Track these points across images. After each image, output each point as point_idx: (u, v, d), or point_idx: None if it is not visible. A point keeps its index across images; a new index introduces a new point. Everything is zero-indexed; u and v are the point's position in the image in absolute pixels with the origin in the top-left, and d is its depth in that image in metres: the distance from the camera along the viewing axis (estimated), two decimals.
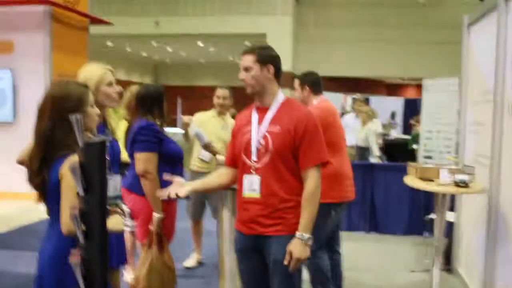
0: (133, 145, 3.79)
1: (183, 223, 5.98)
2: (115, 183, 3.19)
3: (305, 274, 4.33)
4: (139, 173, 3.74)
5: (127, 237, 4.77)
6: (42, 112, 2.35)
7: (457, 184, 4.19)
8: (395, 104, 18.82)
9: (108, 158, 3.13)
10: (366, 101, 12.89)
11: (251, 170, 2.86)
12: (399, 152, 10.03)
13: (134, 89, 4.10)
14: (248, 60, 2.87)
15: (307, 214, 2.77)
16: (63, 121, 2.29)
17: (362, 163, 7.61)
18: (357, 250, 6.47)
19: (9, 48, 8.98)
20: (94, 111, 2.49)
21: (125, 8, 21.68)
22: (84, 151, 1.83)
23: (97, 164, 1.80)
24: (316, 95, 4.26)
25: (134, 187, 3.83)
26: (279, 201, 2.80)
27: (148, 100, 3.92)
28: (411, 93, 25.91)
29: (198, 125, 5.40)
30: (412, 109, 15.53)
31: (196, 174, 5.32)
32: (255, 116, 2.94)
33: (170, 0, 21.41)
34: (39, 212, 3.49)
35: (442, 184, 4.26)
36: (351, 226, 7.35)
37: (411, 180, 4.48)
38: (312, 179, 2.80)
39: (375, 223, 7.33)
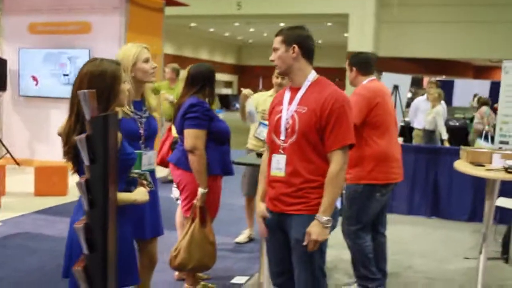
0: (183, 121, 3.93)
1: (241, 200, 6.14)
2: (149, 158, 3.34)
3: (347, 254, 4.37)
4: (188, 149, 3.88)
5: (179, 210, 4.95)
6: (79, 87, 2.42)
7: (507, 169, 4.05)
8: (481, 87, 18.08)
9: (143, 133, 3.30)
10: (442, 84, 12.45)
11: (280, 150, 2.90)
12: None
13: (174, 65, 4.25)
14: (277, 40, 2.92)
15: (327, 196, 2.76)
16: (99, 97, 2.40)
17: (426, 146, 7.43)
18: (414, 234, 6.37)
19: (87, 29, 9.42)
20: (126, 87, 2.62)
21: None
22: (90, 124, 1.95)
23: (102, 136, 1.92)
24: (364, 76, 4.21)
25: (181, 162, 3.99)
26: (302, 181, 2.82)
27: (200, 79, 4.05)
28: (500, 76, 24.72)
29: (255, 104, 5.47)
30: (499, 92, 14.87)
31: (251, 152, 5.42)
32: (287, 96, 2.97)
33: None
34: None
35: (491, 169, 4.12)
36: (412, 210, 7.23)
37: (461, 165, 4.37)
38: (336, 162, 2.78)
39: (437, 208, 7.16)
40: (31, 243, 5.44)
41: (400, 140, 8.14)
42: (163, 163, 4.58)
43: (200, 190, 3.92)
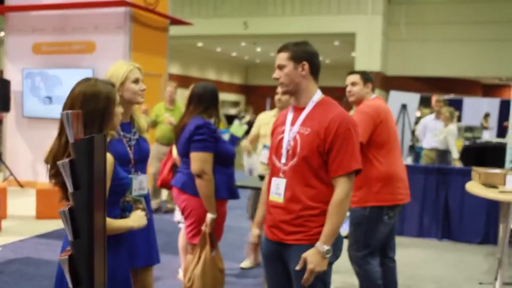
0: (188, 144, 3.77)
1: (245, 223, 5.97)
2: (139, 182, 3.16)
3: (356, 280, 4.18)
4: (196, 173, 3.72)
5: (181, 234, 4.79)
6: (70, 108, 2.30)
7: None
8: (490, 105, 17.88)
9: (132, 157, 3.13)
10: (450, 102, 12.29)
11: (280, 173, 2.74)
12: (493, 157, 9.44)
13: (174, 84, 4.12)
14: (282, 57, 2.73)
15: (330, 225, 2.57)
16: (92, 120, 2.30)
17: (436, 166, 7.23)
18: (425, 258, 6.16)
19: (91, 48, 9.34)
20: (119, 110, 2.48)
21: (214, 9, 22.05)
22: (74, 147, 1.80)
23: (85, 161, 1.77)
24: (372, 93, 4.10)
25: (188, 187, 3.82)
26: (301, 208, 2.65)
27: (206, 98, 3.89)
28: (509, 94, 24.55)
29: (258, 125, 5.40)
30: (509, 110, 14.67)
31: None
32: (289, 116, 2.81)
33: (259, 0, 21.52)
34: None
35: (504, 191, 3.94)
36: (423, 232, 7.02)
37: (474, 186, 4.19)
38: (340, 189, 2.59)
39: (448, 230, 6.95)
40: (30, 269, 5.28)
41: (409, 160, 7.98)
42: (164, 185, 4.43)
43: (210, 216, 3.76)
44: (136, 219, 2.52)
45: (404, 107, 7.23)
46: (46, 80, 9.47)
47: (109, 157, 2.33)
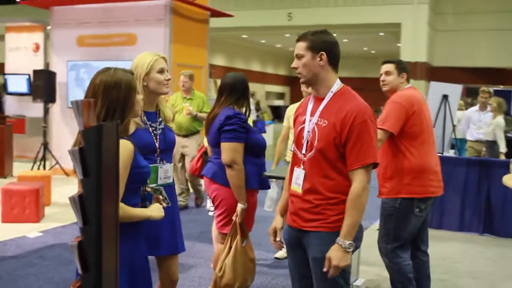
0: (219, 134, 3.77)
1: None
2: (165, 171, 3.18)
3: (385, 273, 4.12)
4: (226, 163, 3.71)
5: (214, 224, 4.82)
6: (93, 98, 2.34)
7: None
8: None
9: (158, 146, 3.16)
10: (498, 93, 11.93)
11: (300, 164, 2.73)
12: None
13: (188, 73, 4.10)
14: (300, 47, 2.68)
15: (350, 220, 2.54)
16: (114, 109, 2.35)
17: (478, 158, 7.04)
18: (464, 252, 6.02)
19: (132, 41, 9.48)
20: (140, 97, 2.52)
21: (258, 1, 22.04)
22: (83, 136, 1.83)
23: (94, 148, 1.79)
24: (407, 83, 4.01)
25: (218, 176, 3.82)
26: (320, 198, 2.63)
27: (238, 89, 3.88)
28: None
29: (288, 116, 5.39)
30: None
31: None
32: (310, 106, 2.77)
33: None
34: None
35: None
36: (463, 226, 6.85)
37: (509, 179, 4.06)
38: (358, 181, 2.55)
39: (490, 224, 6.75)
40: (69, 254, 5.41)
41: (452, 152, 7.80)
42: (194, 173, 4.45)
43: (240, 206, 3.76)
44: (155, 209, 2.54)
45: (445, 97, 7.05)
46: (90, 71, 9.65)
47: (128, 145, 2.37)
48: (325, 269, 2.56)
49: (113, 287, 1.94)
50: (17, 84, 11.34)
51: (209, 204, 4.61)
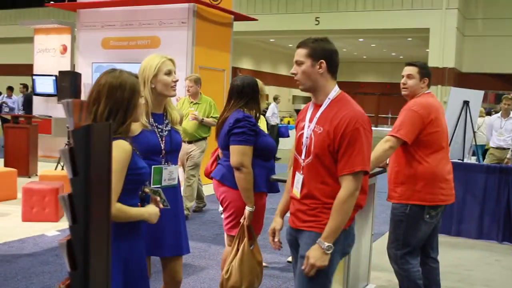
0: (228, 137, 3.80)
1: None
2: (170, 173, 3.21)
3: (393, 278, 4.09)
4: (234, 166, 3.73)
5: None
6: (97, 97, 2.41)
7: None
8: None
9: (164, 147, 3.19)
10: None
11: (300, 169, 2.78)
12: None
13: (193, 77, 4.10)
14: (301, 53, 2.71)
15: (332, 223, 2.59)
16: (117, 110, 2.40)
17: (498, 165, 6.92)
18: (480, 260, 5.93)
19: (156, 43, 9.61)
20: (142, 101, 2.56)
21: (286, 6, 22.07)
22: (73, 135, 1.87)
23: (83, 148, 1.83)
24: (427, 88, 3.96)
25: (227, 179, 3.84)
26: (316, 202, 2.69)
27: (248, 92, 3.89)
28: None
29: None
30: None
31: None
32: (309, 112, 2.82)
33: None
34: None
35: None
36: (482, 234, 6.75)
37: None
38: (344, 188, 2.59)
39: (510, 232, 6.65)
40: None
41: (473, 159, 7.69)
42: (207, 176, 4.48)
43: (248, 209, 3.77)
44: (150, 211, 2.56)
45: (466, 103, 6.95)
46: None
47: (126, 146, 2.41)
48: (302, 267, 2.63)
49: (103, 285, 1.98)
50: (44, 85, 11.57)
51: (221, 207, 4.62)
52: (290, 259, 5.58)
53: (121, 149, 2.38)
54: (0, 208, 7.26)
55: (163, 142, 3.18)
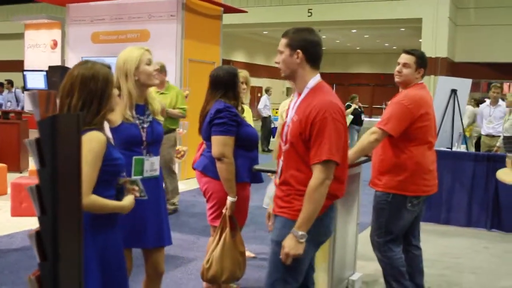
0: (210, 128, 3.81)
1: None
2: (151, 164, 3.22)
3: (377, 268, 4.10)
4: (216, 156, 3.75)
5: None
6: (70, 89, 2.42)
7: None
8: None
9: (145, 138, 3.20)
10: None
11: (281, 156, 2.86)
12: None
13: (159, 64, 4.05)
14: (281, 43, 2.79)
15: (305, 212, 2.63)
16: (90, 101, 2.42)
17: (486, 154, 6.94)
18: (469, 248, 5.97)
19: (145, 37, 9.58)
20: (116, 92, 2.57)
21: None
22: (39, 126, 1.88)
23: (49, 139, 1.83)
24: (421, 79, 3.94)
25: (209, 169, 3.87)
26: (290, 189, 2.75)
27: (221, 83, 3.90)
28: None
29: (282, 112, 5.37)
30: None
31: None
32: (293, 102, 2.88)
33: None
34: None
35: None
36: (471, 222, 6.79)
37: (504, 174, 4.02)
38: (314, 177, 2.62)
39: (498, 220, 6.68)
40: None
41: (463, 147, 7.73)
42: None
43: (229, 199, 3.79)
44: (127, 201, 2.58)
45: (454, 92, 6.96)
46: None
47: (100, 136, 2.42)
48: (280, 256, 2.67)
49: (75, 276, 1.99)
50: (35, 80, 11.53)
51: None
52: None
53: (95, 140, 2.39)
54: None
55: (145, 133, 3.19)
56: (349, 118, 13.27)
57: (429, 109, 3.83)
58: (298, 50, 2.71)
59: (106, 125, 2.78)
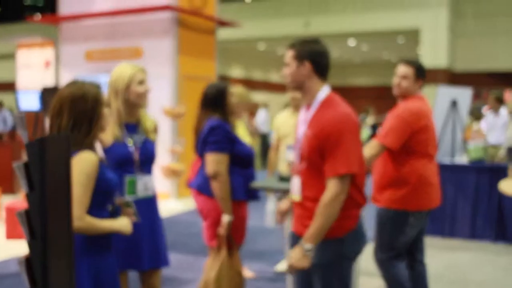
0: (203, 145, 3.72)
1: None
2: (145, 184, 3.16)
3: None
4: (210, 175, 3.66)
5: None
6: (60, 110, 2.38)
7: None
8: None
9: (138, 157, 3.13)
10: None
11: (297, 173, 2.79)
12: None
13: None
14: (288, 55, 2.73)
15: (315, 225, 2.58)
16: (81, 121, 2.38)
17: (490, 165, 6.76)
18: (474, 261, 5.79)
19: (138, 54, 9.48)
20: (107, 111, 2.52)
21: (275, 10, 22.00)
22: (27, 149, 1.79)
23: (38, 162, 1.76)
24: (419, 90, 3.83)
25: (204, 188, 3.77)
26: (312, 207, 2.66)
27: (210, 99, 3.82)
28: None
29: (277, 127, 5.25)
30: None
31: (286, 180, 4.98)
32: (302, 116, 2.82)
33: None
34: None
35: None
36: (476, 234, 6.61)
37: (507, 185, 3.87)
38: (328, 191, 2.57)
39: (504, 232, 6.50)
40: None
41: (465, 158, 7.56)
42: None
43: (225, 218, 3.67)
44: (123, 223, 2.52)
45: (454, 104, 6.82)
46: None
47: (92, 157, 2.37)
48: (286, 268, 2.67)
49: None
50: (29, 100, 11.41)
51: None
52: (277, 267, 5.44)
53: (87, 161, 2.34)
54: None
55: (137, 152, 3.12)
56: (366, 132, 13.05)
57: (429, 121, 3.73)
58: (306, 62, 2.66)
59: (98, 145, 2.75)
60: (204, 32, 10.00)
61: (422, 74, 3.77)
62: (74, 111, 2.36)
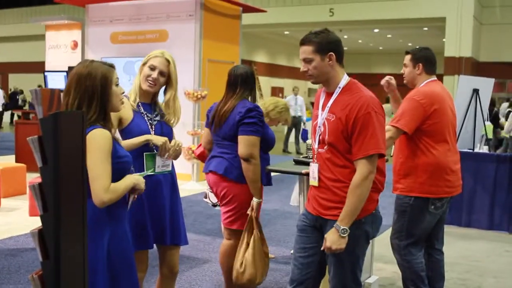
0: (237, 127, 3.67)
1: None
2: (163, 159, 3.23)
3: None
4: (244, 157, 3.63)
5: None
6: (68, 89, 2.42)
7: None
8: None
9: (154, 134, 3.21)
10: None
11: (314, 158, 2.87)
12: None
13: None
14: (307, 51, 2.76)
15: (348, 206, 2.67)
16: (88, 97, 2.40)
17: (508, 155, 6.76)
18: (491, 251, 5.83)
19: (164, 37, 9.58)
20: (119, 89, 2.53)
21: None
22: (41, 124, 1.86)
23: (52, 137, 1.81)
24: (429, 75, 3.80)
25: (230, 172, 3.72)
26: (337, 188, 2.76)
27: (249, 81, 3.82)
28: None
29: None
30: None
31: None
32: (321, 100, 2.89)
33: None
34: None
35: None
36: (493, 224, 6.62)
37: None
38: (359, 171, 2.66)
39: None
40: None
41: (485, 148, 7.56)
42: (201, 157, 4.30)
43: (256, 200, 3.70)
44: (135, 177, 2.55)
45: (476, 92, 6.81)
46: (123, 68, 9.83)
47: (106, 133, 2.40)
48: (322, 248, 2.74)
49: (78, 275, 1.96)
50: (56, 81, 11.61)
51: (212, 197, 4.37)
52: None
53: (102, 137, 2.38)
54: (10, 203, 7.32)
55: (153, 129, 3.22)
56: (388, 120, 12.86)
57: (444, 104, 3.70)
58: (331, 53, 2.73)
59: (114, 127, 2.80)
60: (229, 16, 10.06)
61: (419, 58, 3.77)
62: (80, 89, 2.38)
